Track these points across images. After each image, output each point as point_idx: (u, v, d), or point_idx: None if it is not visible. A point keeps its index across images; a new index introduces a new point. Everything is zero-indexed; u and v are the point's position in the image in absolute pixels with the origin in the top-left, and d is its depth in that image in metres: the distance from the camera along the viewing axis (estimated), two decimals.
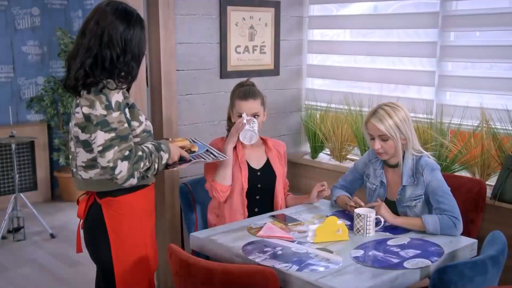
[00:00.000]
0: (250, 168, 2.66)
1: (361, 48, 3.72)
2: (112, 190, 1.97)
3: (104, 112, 1.86)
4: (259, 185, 2.68)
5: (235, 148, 2.64)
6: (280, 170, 2.75)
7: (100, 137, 1.85)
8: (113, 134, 1.86)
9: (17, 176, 4.67)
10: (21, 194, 4.70)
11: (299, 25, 3.93)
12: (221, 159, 2.36)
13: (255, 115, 2.61)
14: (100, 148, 1.86)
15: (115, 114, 1.88)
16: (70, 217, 5.06)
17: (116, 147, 1.86)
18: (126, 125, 1.91)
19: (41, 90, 5.47)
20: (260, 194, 2.68)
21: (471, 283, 1.82)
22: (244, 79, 2.83)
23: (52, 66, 5.70)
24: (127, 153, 1.88)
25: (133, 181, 1.93)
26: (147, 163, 1.96)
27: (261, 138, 2.77)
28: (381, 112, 2.43)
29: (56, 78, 5.47)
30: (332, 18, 3.90)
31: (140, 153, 1.93)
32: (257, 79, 3.66)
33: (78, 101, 1.96)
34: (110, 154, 1.85)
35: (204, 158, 2.27)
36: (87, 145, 1.93)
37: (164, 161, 2.03)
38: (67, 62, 1.99)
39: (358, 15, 3.74)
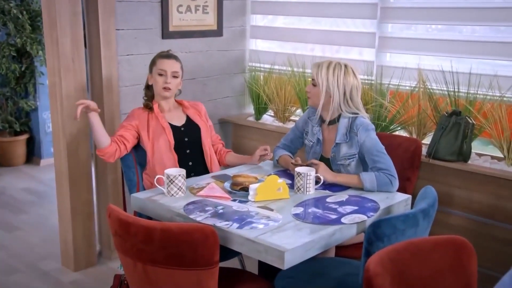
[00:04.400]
0: (173, 126, 2.75)
1: (304, 9, 3.71)
2: None
3: None
4: (186, 139, 2.76)
5: (153, 112, 2.73)
6: (204, 124, 2.83)
7: None
8: None
9: None
10: None
11: None
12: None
13: (174, 75, 2.71)
14: None
15: None
16: (8, 182, 4.90)
17: None
18: None
19: None
20: (190, 148, 2.76)
21: (403, 236, 1.90)
22: (187, 39, 2.79)
23: None
24: None
25: None
26: None
27: (176, 101, 2.85)
28: (324, 61, 2.51)
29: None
30: None
31: None
32: (200, 39, 3.61)
33: None
34: None
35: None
36: None
37: None
38: None
39: None
